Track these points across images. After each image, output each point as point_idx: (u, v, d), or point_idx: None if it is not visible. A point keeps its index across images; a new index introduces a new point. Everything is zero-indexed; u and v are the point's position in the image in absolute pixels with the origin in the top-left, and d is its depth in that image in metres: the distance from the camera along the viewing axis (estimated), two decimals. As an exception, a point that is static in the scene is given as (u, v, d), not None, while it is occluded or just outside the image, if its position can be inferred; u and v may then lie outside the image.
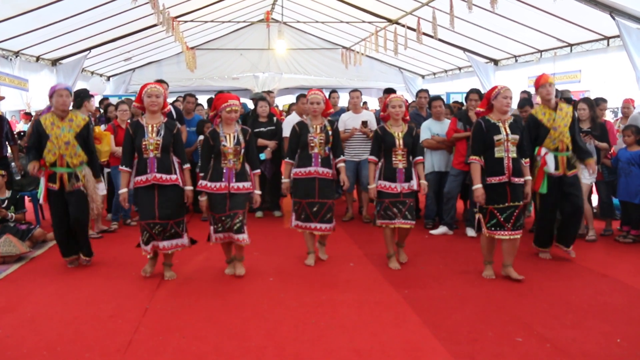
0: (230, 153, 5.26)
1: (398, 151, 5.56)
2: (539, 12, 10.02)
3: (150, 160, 5.08)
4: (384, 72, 19.26)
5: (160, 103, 5.15)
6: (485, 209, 5.18)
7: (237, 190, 5.29)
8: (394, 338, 4.00)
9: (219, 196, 5.28)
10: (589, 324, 4.22)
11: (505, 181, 5.08)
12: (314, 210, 5.72)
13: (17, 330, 4.16)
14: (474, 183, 5.19)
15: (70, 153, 5.46)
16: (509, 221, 5.10)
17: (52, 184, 5.48)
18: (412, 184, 5.60)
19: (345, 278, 5.41)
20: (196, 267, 5.76)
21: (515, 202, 5.12)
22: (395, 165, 5.56)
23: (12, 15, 9.22)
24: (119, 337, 3.99)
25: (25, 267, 5.81)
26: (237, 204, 5.29)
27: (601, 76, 10.35)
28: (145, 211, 5.19)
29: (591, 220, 6.81)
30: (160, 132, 5.11)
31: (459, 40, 13.73)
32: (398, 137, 5.57)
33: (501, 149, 5.08)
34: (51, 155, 5.43)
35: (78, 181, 5.53)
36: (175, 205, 5.22)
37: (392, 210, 5.54)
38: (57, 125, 5.46)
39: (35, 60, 12.18)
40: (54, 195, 5.52)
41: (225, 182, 5.27)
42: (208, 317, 4.39)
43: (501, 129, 5.09)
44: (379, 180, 5.62)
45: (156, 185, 5.12)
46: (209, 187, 5.29)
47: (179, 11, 13.27)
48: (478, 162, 5.16)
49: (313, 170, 5.70)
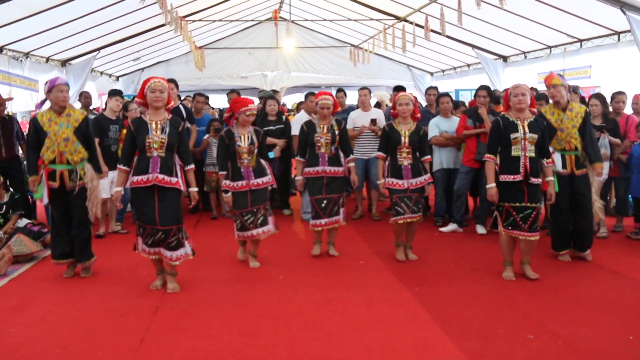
0: (245, 152, 5.50)
1: (403, 149, 5.68)
2: (548, 7, 9.94)
3: (154, 159, 4.81)
4: (393, 69, 19.20)
5: (164, 99, 4.88)
6: (501, 207, 5.16)
7: (257, 185, 5.58)
8: (405, 335, 4.00)
9: (240, 194, 5.55)
10: (601, 321, 4.20)
11: (520, 180, 5.03)
12: (322, 206, 5.92)
13: (29, 328, 4.19)
14: (487, 182, 5.19)
15: (70, 150, 5.25)
16: (525, 222, 5.05)
17: (52, 182, 5.25)
18: (421, 179, 5.73)
19: (356, 276, 5.42)
20: (206, 267, 5.77)
21: (533, 203, 5.06)
22: (400, 163, 5.70)
23: (22, 16, 9.27)
24: (131, 336, 4.02)
25: (37, 267, 5.85)
26: (257, 198, 5.58)
27: (612, 72, 10.25)
28: (144, 215, 4.88)
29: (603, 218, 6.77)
30: (165, 129, 4.85)
31: (468, 37, 13.66)
32: (404, 134, 5.68)
33: (518, 147, 5.04)
34: (50, 152, 5.22)
35: (80, 179, 5.33)
36: (176, 210, 4.94)
37: (400, 206, 5.66)
38: (54, 121, 5.25)
39: (45, 61, 12.25)
40: (55, 193, 5.30)
41: (245, 180, 5.54)
42: (219, 316, 4.41)
43: (519, 127, 5.05)
44: (387, 178, 5.76)
45: (156, 187, 4.84)
46: (231, 187, 5.54)
47: (187, 11, 13.27)
48: (493, 161, 5.16)
49: (321, 169, 5.91)
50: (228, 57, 18.76)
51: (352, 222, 7.83)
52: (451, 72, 17.88)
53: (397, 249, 5.94)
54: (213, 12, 14.40)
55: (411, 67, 19.02)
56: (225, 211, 8.24)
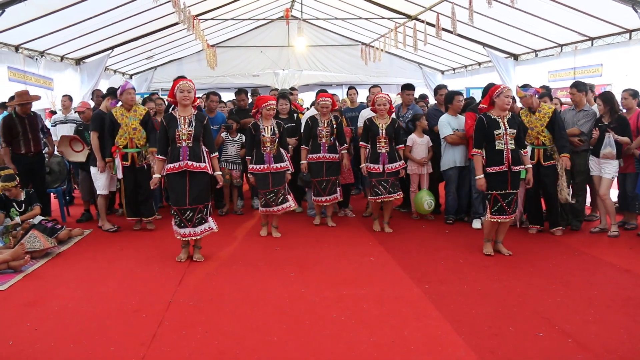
0: (268, 141, 6.69)
1: (381, 139, 6.95)
2: (559, 5, 9.89)
3: (183, 148, 5.65)
4: (404, 68, 19.13)
5: (191, 97, 5.75)
6: (489, 195, 5.88)
7: (277, 169, 6.73)
8: (415, 332, 4.03)
9: (262, 175, 6.74)
10: (612, 320, 4.20)
11: (505, 170, 5.76)
12: (322, 186, 7.33)
13: (44, 323, 4.26)
14: (476, 174, 5.89)
15: (137, 137, 6.98)
16: (510, 206, 5.84)
17: (125, 162, 6.93)
18: (396, 165, 6.98)
19: (366, 273, 5.45)
20: (218, 263, 5.82)
21: (514, 189, 5.85)
22: (379, 150, 6.96)
23: (37, 16, 9.36)
24: (143, 331, 4.07)
25: (52, 262, 5.92)
26: (277, 181, 6.73)
27: (623, 70, 10.19)
28: (176, 197, 5.76)
29: (613, 216, 6.75)
30: (192, 123, 5.70)
31: (479, 36, 13.61)
32: (382, 127, 6.96)
33: (501, 142, 5.76)
34: (123, 139, 6.93)
35: (145, 158, 7.03)
36: (203, 190, 5.79)
37: (378, 188, 6.93)
38: (125, 115, 6.96)
39: (59, 59, 12.36)
40: (127, 170, 6.96)
41: (267, 164, 6.70)
42: (230, 312, 4.45)
43: (500, 124, 5.77)
44: (368, 163, 7.03)
45: (187, 171, 5.68)
46: (255, 169, 6.75)
47: (200, 9, 13.33)
48: (479, 155, 5.85)
49: (322, 155, 7.31)
50: (240, 55, 18.79)
51: (362, 219, 7.88)
52: (462, 70, 17.82)
53: (374, 222, 7.27)
54: (225, 10, 14.43)
55: (422, 65, 18.96)
56: (237, 208, 8.35)
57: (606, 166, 6.60)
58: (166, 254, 6.02)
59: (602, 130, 6.63)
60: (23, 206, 6.80)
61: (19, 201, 6.80)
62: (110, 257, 6.07)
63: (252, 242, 6.65)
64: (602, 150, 6.55)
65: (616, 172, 6.70)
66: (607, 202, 6.71)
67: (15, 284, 5.18)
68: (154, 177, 5.87)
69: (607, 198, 6.70)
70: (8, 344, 3.88)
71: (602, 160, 6.61)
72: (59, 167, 8.27)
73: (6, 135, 7.37)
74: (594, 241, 6.56)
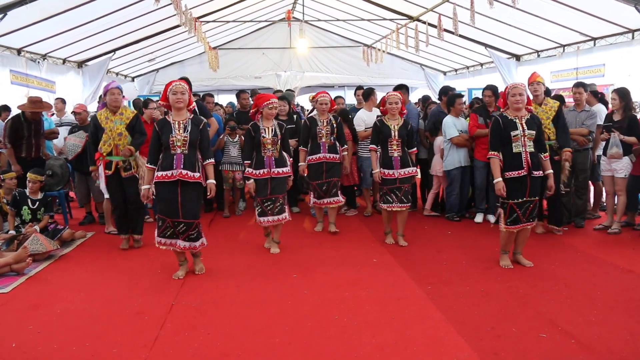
0: (269, 143, 6.10)
1: (393, 141, 6.33)
2: (561, 5, 9.89)
3: (177, 156, 5.12)
4: (406, 69, 19.14)
5: (185, 100, 5.20)
6: (506, 204, 5.41)
7: (278, 174, 6.14)
8: (417, 334, 4.02)
9: (262, 181, 6.14)
10: (615, 321, 4.19)
11: (524, 174, 5.32)
12: (323, 189, 6.93)
13: (47, 326, 4.26)
14: (494, 177, 5.41)
15: (123, 143, 6.26)
16: (525, 215, 5.41)
17: (108, 171, 6.26)
18: (409, 170, 6.37)
19: (368, 274, 5.44)
20: (220, 266, 5.82)
21: (532, 197, 5.41)
22: (391, 154, 6.35)
23: (40, 19, 9.39)
24: (146, 333, 4.07)
25: (54, 265, 5.93)
26: (277, 187, 6.14)
27: (626, 70, 10.17)
28: (166, 208, 5.20)
29: (621, 214, 6.78)
30: (187, 128, 5.16)
31: (480, 36, 13.62)
32: (394, 129, 6.33)
33: (518, 144, 5.32)
34: (107, 146, 6.25)
35: (132, 168, 6.32)
36: (197, 204, 5.36)
37: (390, 196, 6.35)
38: (110, 119, 6.28)
39: (62, 62, 12.41)
40: (111, 179, 6.31)
41: (267, 169, 6.10)
42: (232, 314, 4.45)
43: (518, 125, 5.33)
44: (380, 168, 6.40)
45: (180, 181, 5.15)
46: (254, 174, 6.12)
47: (201, 12, 13.35)
48: (497, 157, 5.39)
49: (322, 156, 6.92)
50: (242, 57, 18.82)
51: (363, 219, 7.88)
52: (464, 71, 17.82)
53: (386, 236, 6.63)
54: (227, 12, 14.47)
55: (424, 66, 18.96)
56: (238, 209, 8.34)
57: (616, 165, 6.65)
58: (167, 257, 6.02)
59: (607, 131, 6.67)
60: (37, 204, 6.83)
61: (33, 199, 6.83)
62: (112, 260, 6.08)
63: (254, 244, 6.64)
64: (608, 150, 6.63)
65: (628, 169, 6.72)
66: (622, 198, 6.75)
67: (18, 287, 5.18)
68: (143, 188, 5.40)
69: (623, 194, 6.74)
70: (11, 347, 3.88)
71: (612, 160, 6.64)
72: (61, 170, 8.27)
73: (12, 136, 7.39)
74: (596, 241, 6.55)
